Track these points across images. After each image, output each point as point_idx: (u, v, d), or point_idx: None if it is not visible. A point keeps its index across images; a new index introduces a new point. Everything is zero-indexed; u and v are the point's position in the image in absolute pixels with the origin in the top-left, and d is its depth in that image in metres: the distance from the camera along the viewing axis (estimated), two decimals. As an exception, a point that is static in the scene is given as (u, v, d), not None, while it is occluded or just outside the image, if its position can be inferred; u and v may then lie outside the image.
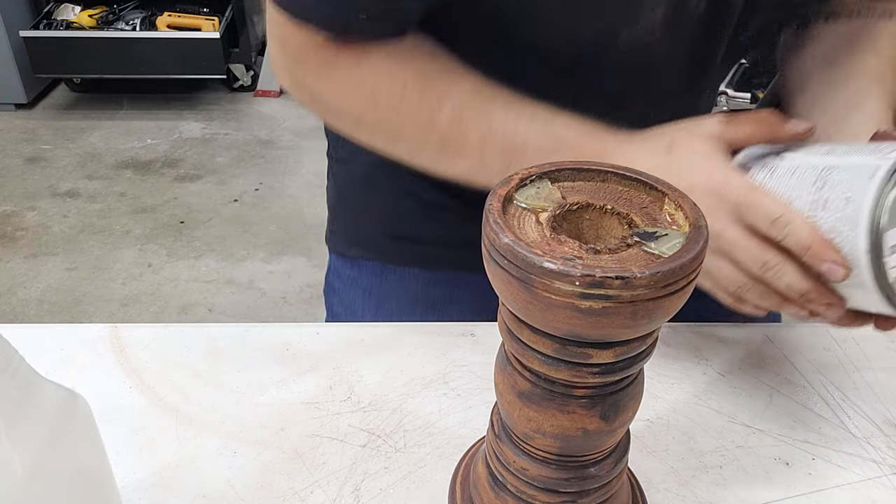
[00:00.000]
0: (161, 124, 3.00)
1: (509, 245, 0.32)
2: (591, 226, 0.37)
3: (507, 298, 0.35)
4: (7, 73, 2.92)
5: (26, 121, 2.99)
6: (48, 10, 3.03)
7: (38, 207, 2.45)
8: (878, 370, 0.61)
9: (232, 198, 2.54)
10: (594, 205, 0.37)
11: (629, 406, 0.39)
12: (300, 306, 2.03)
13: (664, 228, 0.35)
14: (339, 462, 0.52)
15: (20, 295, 2.06)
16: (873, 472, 0.52)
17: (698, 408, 0.58)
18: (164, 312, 2.01)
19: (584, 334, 0.33)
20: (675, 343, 0.64)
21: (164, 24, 3.02)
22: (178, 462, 0.52)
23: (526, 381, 0.38)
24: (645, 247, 0.34)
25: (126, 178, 2.63)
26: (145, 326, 0.65)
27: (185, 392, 0.58)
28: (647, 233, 0.35)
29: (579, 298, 0.31)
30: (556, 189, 0.38)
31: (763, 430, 0.56)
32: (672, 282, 0.31)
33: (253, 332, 0.65)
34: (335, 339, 0.64)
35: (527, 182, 0.37)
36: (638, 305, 0.31)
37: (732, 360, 0.62)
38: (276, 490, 0.50)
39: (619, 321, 0.32)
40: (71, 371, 0.60)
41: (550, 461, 0.40)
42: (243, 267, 2.19)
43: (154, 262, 2.20)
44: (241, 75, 3.24)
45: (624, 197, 0.38)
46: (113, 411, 0.56)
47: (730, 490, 0.51)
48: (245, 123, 3.03)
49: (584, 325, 0.32)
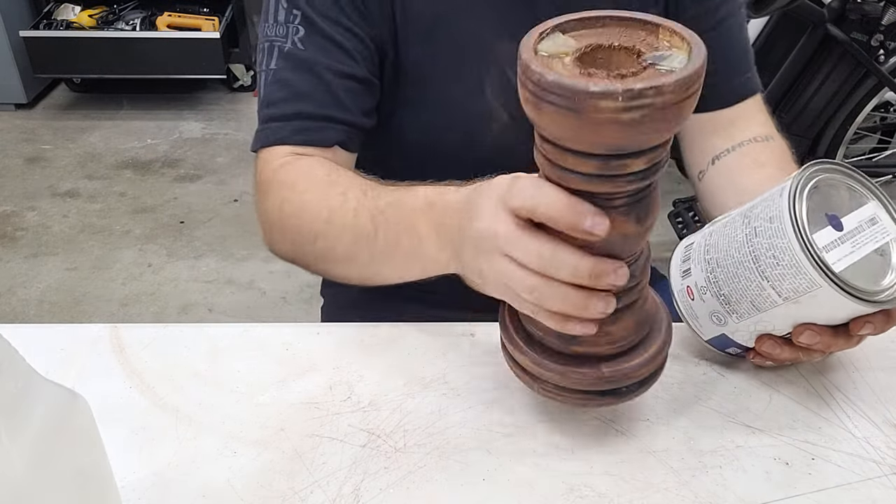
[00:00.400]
0: (161, 124, 2.99)
1: (556, 80, 0.38)
2: (606, 62, 0.43)
3: (556, 130, 0.41)
4: (7, 73, 2.92)
5: (26, 121, 2.99)
6: (48, 10, 3.02)
7: (38, 207, 2.45)
8: (878, 370, 0.61)
9: (232, 198, 2.53)
10: (603, 44, 0.44)
11: (655, 209, 0.46)
12: (300, 306, 2.02)
13: (667, 52, 0.42)
14: (339, 462, 0.52)
15: (20, 295, 2.06)
16: (873, 472, 0.52)
17: (698, 408, 0.58)
18: (164, 312, 2.01)
19: (624, 146, 0.40)
20: (675, 343, 0.64)
21: (164, 24, 3.02)
22: (178, 462, 0.52)
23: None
24: (658, 67, 0.41)
25: (126, 178, 2.63)
26: (145, 326, 0.65)
27: (185, 392, 0.58)
28: (655, 56, 0.42)
29: (622, 112, 0.37)
30: (568, 38, 0.44)
31: (763, 430, 0.56)
32: (690, 85, 0.39)
33: (253, 332, 0.65)
34: (335, 339, 0.64)
35: (544, 35, 0.44)
36: (668, 110, 0.38)
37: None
38: (276, 490, 0.50)
39: (656, 126, 0.39)
40: (71, 371, 0.60)
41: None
42: (243, 267, 2.19)
43: (154, 262, 2.20)
44: (241, 75, 3.23)
45: (625, 35, 0.44)
46: (113, 411, 0.56)
47: (730, 490, 0.51)
48: (245, 123, 3.03)
49: (626, 136, 0.39)
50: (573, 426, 0.56)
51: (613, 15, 0.44)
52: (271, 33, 0.72)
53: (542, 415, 0.56)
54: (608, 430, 0.55)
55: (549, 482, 0.51)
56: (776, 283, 0.51)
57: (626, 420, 0.56)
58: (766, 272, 0.51)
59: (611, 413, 0.57)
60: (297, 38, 0.70)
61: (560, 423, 0.56)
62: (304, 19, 0.70)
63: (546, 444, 0.54)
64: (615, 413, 0.57)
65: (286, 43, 0.71)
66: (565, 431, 0.55)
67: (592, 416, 0.57)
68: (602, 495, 0.50)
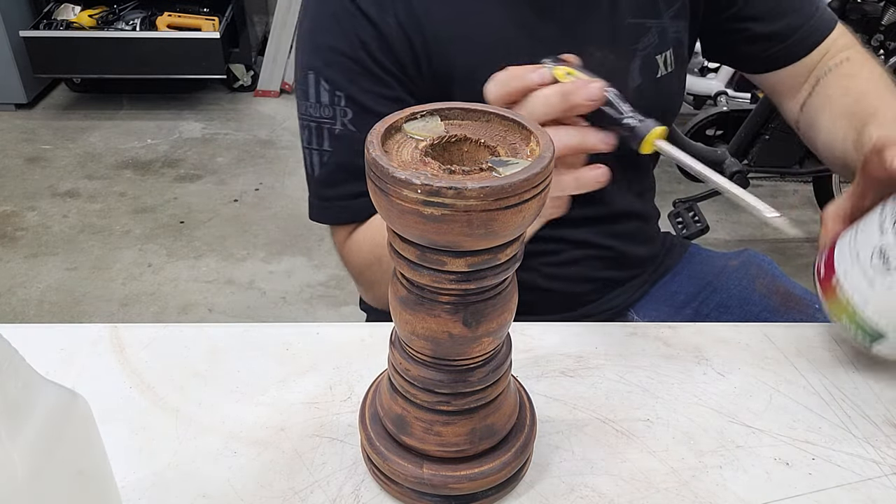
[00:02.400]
0: (161, 124, 3.00)
1: (374, 159, 0.38)
2: (469, 157, 0.43)
3: (377, 207, 0.40)
4: (7, 73, 2.92)
5: (26, 121, 2.99)
6: (48, 10, 3.03)
7: (38, 207, 2.45)
8: (879, 370, 0.61)
9: (232, 198, 2.54)
10: (470, 139, 0.43)
11: (492, 316, 0.44)
12: (300, 306, 2.03)
13: (517, 159, 0.41)
14: (339, 462, 0.52)
15: (20, 295, 2.06)
16: (873, 472, 0.52)
17: (698, 408, 0.58)
18: (164, 312, 2.01)
19: (433, 240, 0.39)
20: (675, 343, 0.64)
21: (164, 24, 3.02)
22: (178, 462, 0.52)
23: (403, 287, 0.44)
24: (494, 171, 0.39)
25: (126, 178, 2.63)
26: (145, 326, 0.65)
27: (185, 392, 0.58)
28: (500, 160, 0.40)
29: (422, 205, 0.37)
30: (443, 124, 0.44)
31: (763, 430, 0.56)
32: (502, 197, 0.37)
33: (253, 332, 0.65)
34: (335, 339, 0.64)
35: (417, 116, 0.43)
36: (472, 215, 0.37)
37: (732, 360, 0.62)
38: (276, 490, 0.50)
39: (458, 228, 0.37)
40: (71, 371, 0.60)
41: (428, 363, 0.46)
42: (243, 267, 2.19)
43: (154, 262, 2.20)
44: (241, 75, 3.24)
45: (500, 134, 0.44)
46: (113, 411, 0.56)
47: (730, 490, 0.51)
48: (245, 123, 3.03)
49: (430, 231, 0.38)
50: (573, 426, 0.56)
51: (499, 112, 0.44)
52: (315, 114, 0.74)
53: (541, 415, 0.56)
54: (608, 430, 0.55)
55: (549, 482, 0.51)
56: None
57: (626, 420, 0.56)
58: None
59: (611, 413, 0.57)
60: (347, 121, 0.73)
61: (560, 423, 0.56)
62: (350, 100, 0.72)
63: (546, 444, 0.54)
64: (615, 413, 0.57)
65: (335, 125, 0.73)
66: (565, 431, 0.55)
67: (592, 416, 0.57)
68: (602, 495, 0.50)
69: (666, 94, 0.80)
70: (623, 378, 0.60)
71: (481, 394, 0.47)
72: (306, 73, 0.73)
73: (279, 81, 3.25)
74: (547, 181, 0.39)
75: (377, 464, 0.49)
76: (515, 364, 0.57)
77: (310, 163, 0.77)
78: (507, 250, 0.41)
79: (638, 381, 0.60)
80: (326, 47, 0.72)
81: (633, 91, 0.76)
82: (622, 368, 0.61)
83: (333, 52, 0.71)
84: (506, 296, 0.44)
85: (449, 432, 0.47)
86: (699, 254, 0.95)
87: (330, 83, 0.72)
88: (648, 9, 0.76)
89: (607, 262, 0.86)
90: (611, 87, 0.54)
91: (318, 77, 0.72)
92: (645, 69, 0.77)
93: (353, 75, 0.71)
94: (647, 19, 0.76)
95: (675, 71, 0.80)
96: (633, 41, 0.76)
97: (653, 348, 0.64)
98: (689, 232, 1.93)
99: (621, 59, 0.75)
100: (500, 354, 0.47)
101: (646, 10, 0.76)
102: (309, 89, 0.73)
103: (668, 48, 0.78)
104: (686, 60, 0.83)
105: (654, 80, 0.78)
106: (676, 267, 0.93)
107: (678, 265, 0.94)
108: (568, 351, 0.63)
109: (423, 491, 0.48)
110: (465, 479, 0.47)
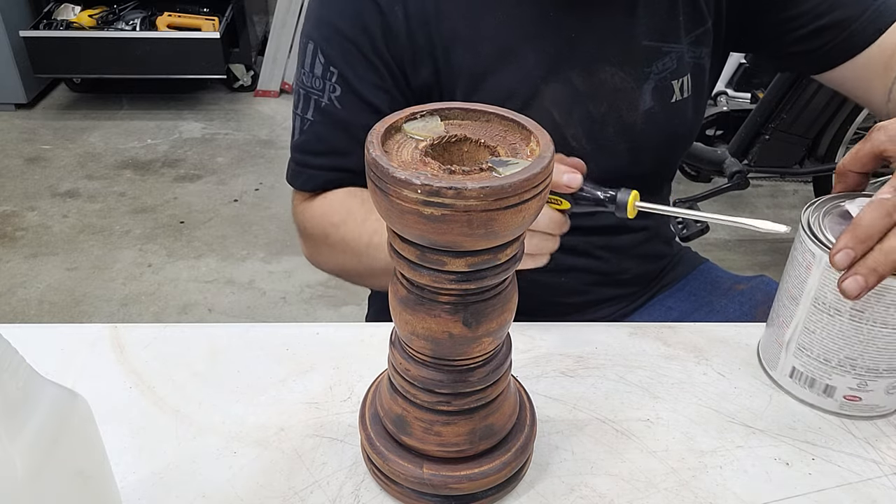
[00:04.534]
0: (161, 124, 3.00)
1: (374, 159, 0.38)
2: (469, 157, 0.43)
3: (378, 209, 0.40)
4: (7, 73, 2.92)
5: (26, 121, 2.99)
6: (48, 10, 3.03)
7: (38, 207, 2.45)
8: (878, 370, 0.61)
9: (232, 198, 2.54)
10: (470, 139, 0.43)
11: (492, 316, 0.44)
12: (300, 306, 2.03)
13: (517, 159, 0.40)
14: (339, 462, 0.52)
15: (20, 295, 2.06)
16: (873, 472, 0.52)
17: (698, 408, 0.58)
18: (164, 312, 2.01)
19: (433, 240, 0.39)
20: (675, 343, 0.64)
21: (164, 24, 3.02)
22: (178, 462, 0.52)
23: (403, 287, 0.44)
24: (494, 171, 0.39)
25: (126, 178, 2.63)
26: (145, 326, 0.65)
27: (185, 392, 0.58)
28: (500, 160, 0.40)
29: (422, 205, 0.36)
30: (443, 124, 0.44)
31: (763, 430, 0.56)
32: (502, 197, 0.36)
33: (253, 332, 0.65)
34: (335, 339, 0.64)
35: (417, 116, 0.43)
36: (472, 215, 0.37)
37: (732, 360, 0.62)
38: (276, 490, 0.50)
39: (458, 228, 0.37)
40: (71, 371, 0.60)
41: (428, 363, 0.46)
42: (243, 267, 2.19)
43: (154, 262, 2.20)
44: (241, 75, 3.24)
45: (500, 134, 0.43)
46: (113, 411, 0.56)
47: (730, 490, 0.51)
48: (245, 123, 3.03)
49: (430, 231, 0.37)
50: (573, 426, 0.56)
51: (499, 113, 0.44)
52: (307, 83, 0.75)
53: (541, 415, 0.56)
54: (608, 430, 0.55)
55: (549, 482, 0.51)
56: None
57: (625, 420, 0.56)
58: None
59: (611, 413, 0.57)
60: (334, 97, 0.73)
61: (560, 423, 0.56)
62: (341, 78, 0.72)
63: (546, 444, 0.54)
64: (615, 413, 0.57)
65: (323, 98, 0.74)
66: (565, 431, 0.55)
67: (592, 416, 0.57)
68: (602, 495, 0.50)
69: (679, 120, 0.78)
70: (623, 378, 0.60)
71: (481, 394, 0.47)
72: (307, 42, 0.74)
73: (279, 81, 3.25)
74: (547, 181, 0.39)
75: (377, 464, 0.49)
76: (515, 364, 0.57)
77: (294, 126, 0.78)
78: (507, 250, 0.41)
79: (638, 381, 0.60)
80: (330, 23, 0.72)
81: (644, 114, 0.75)
82: (622, 368, 0.61)
83: (335, 30, 0.72)
84: (506, 296, 0.44)
85: (449, 432, 0.47)
86: (711, 272, 0.93)
87: (326, 57, 0.72)
88: (668, 33, 0.74)
89: (598, 278, 0.84)
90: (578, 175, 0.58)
91: (317, 49, 0.73)
92: (658, 93, 0.75)
93: (349, 57, 0.71)
94: (664, 43, 0.74)
95: (692, 97, 0.78)
96: (647, 64, 0.74)
97: (653, 348, 0.64)
98: (689, 232, 1.92)
99: (631, 80, 0.74)
100: (500, 354, 0.47)
101: (665, 34, 0.74)
102: (306, 58, 0.74)
103: (686, 74, 0.76)
104: (707, 87, 0.81)
105: (668, 105, 0.76)
106: (680, 282, 0.91)
107: (682, 280, 0.91)
108: (568, 351, 0.63)
109: (423, 491, 0.48)
110: (465, 479, 0.47)
